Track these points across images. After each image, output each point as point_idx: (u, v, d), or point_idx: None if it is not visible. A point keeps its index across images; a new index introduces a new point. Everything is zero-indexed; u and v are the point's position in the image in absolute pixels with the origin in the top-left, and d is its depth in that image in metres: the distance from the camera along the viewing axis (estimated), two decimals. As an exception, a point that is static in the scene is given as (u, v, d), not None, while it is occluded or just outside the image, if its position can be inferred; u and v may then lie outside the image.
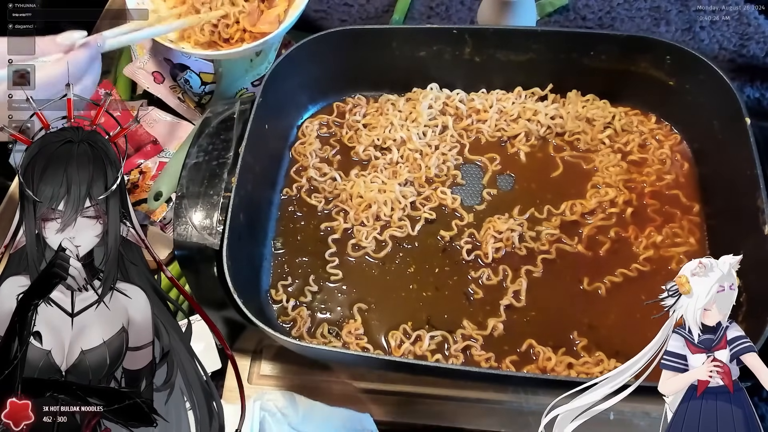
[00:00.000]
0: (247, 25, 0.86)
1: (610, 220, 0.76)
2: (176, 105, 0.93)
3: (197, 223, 0.66)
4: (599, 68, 0.82)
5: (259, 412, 0.67)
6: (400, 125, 0.84)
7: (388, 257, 0.76)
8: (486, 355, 0.69)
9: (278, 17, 0.87)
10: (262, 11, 0.87)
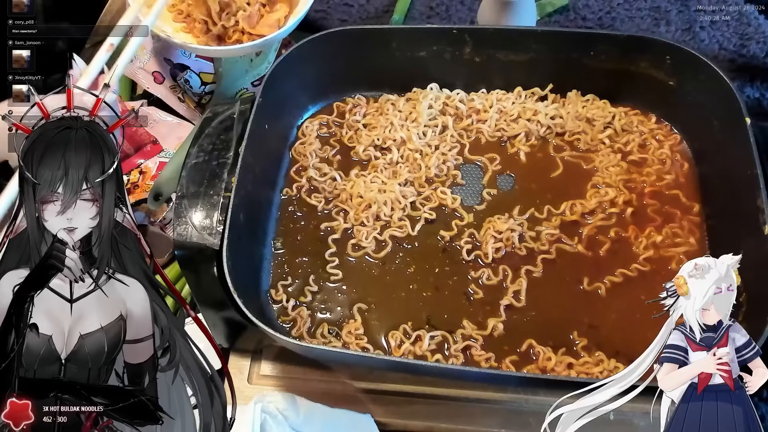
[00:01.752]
0: (246, 26, 0.86)
1: (610, 220, 0.76)
2: (176, 105, 0.93)
3: (197, 223, 0.66)
4: (599, 68, 0.82)
5: (260, 414, 0.67)
6: (400, 125, 0.84)
7: (388, 257, 0.76)
8: (486, 355, 0.69)
9: (278, 22, 0.87)
10: (262, 15, 0.88)
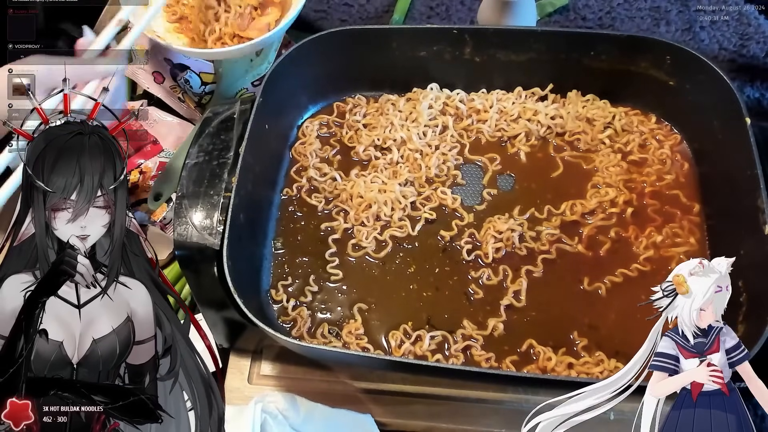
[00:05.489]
0: (236, 28, 0.86)
1: (611, 220, 0.76)
2: (176, 105, 0.93)
3: (197, 223, 0.66)
4: (599, 68, 0.82)
5: (260, 414, 0.67)
6: (401, 125, 0.84)
7: (389, 257, 0.76)
8: (486, 355, 0.69)
9: (268, 26, 0.86)
10: (253, 18, 0.87)
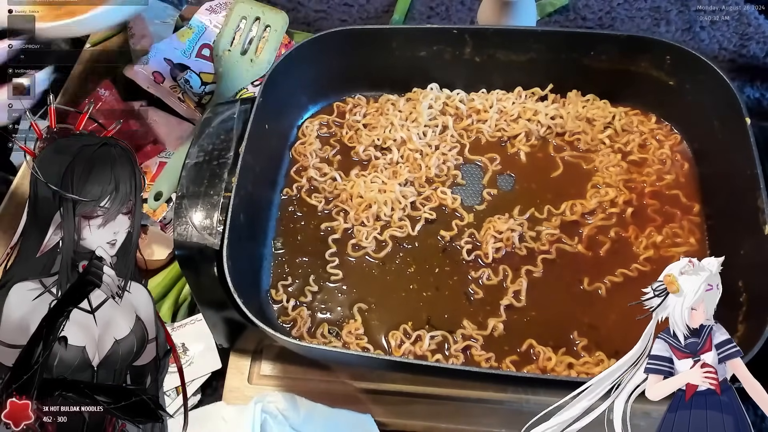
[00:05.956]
0: None
1: (611, 220, 0.76)
2: (176, 105, 0.93)
3: (197, 223, 0.66)
4: (599, 68, 0.82)
5: (260, 414, 0.67)
6: (400, 125, 0.84)
7: (388, 257, 0.76)
8: (486, 355, 0.69)
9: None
10: None
